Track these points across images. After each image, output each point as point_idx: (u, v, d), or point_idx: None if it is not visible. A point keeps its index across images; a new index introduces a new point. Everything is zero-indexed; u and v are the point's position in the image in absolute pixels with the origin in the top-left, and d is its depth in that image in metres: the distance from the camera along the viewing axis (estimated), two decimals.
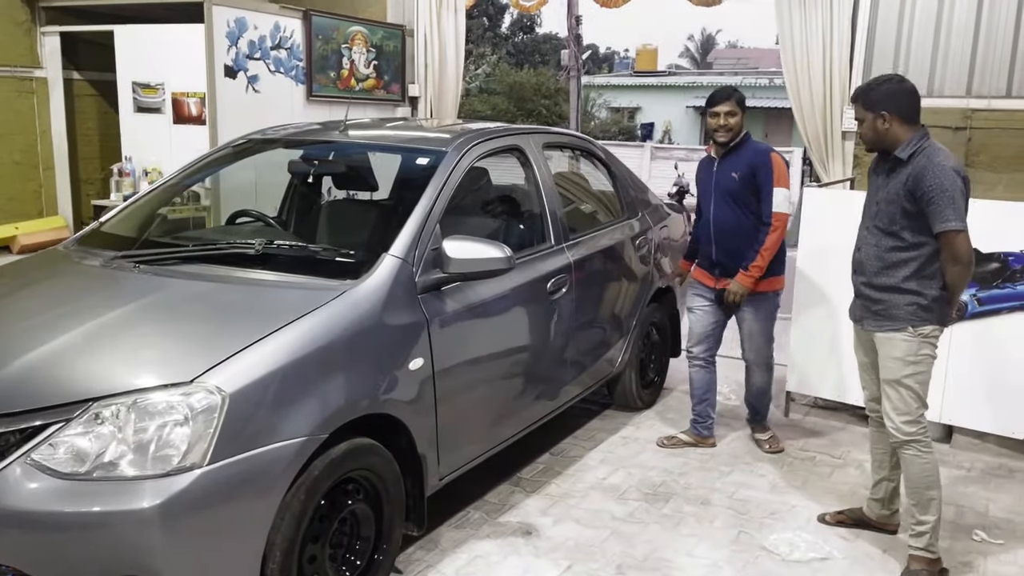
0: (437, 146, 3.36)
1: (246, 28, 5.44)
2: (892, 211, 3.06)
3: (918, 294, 3.05)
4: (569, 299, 3.74)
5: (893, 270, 3.08)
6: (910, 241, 3.05)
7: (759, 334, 4.11)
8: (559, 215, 3.81)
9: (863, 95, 3.11)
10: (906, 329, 3.08)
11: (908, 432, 3.12)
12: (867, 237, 3.18)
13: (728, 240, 3.96)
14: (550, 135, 4.17)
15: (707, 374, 4.22)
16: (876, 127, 3.07)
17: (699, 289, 4.17)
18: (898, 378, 3.10)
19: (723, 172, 3.94)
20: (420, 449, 2.86)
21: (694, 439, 4.28)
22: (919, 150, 3.03)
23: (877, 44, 5.45)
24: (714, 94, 3.94)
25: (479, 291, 3.12)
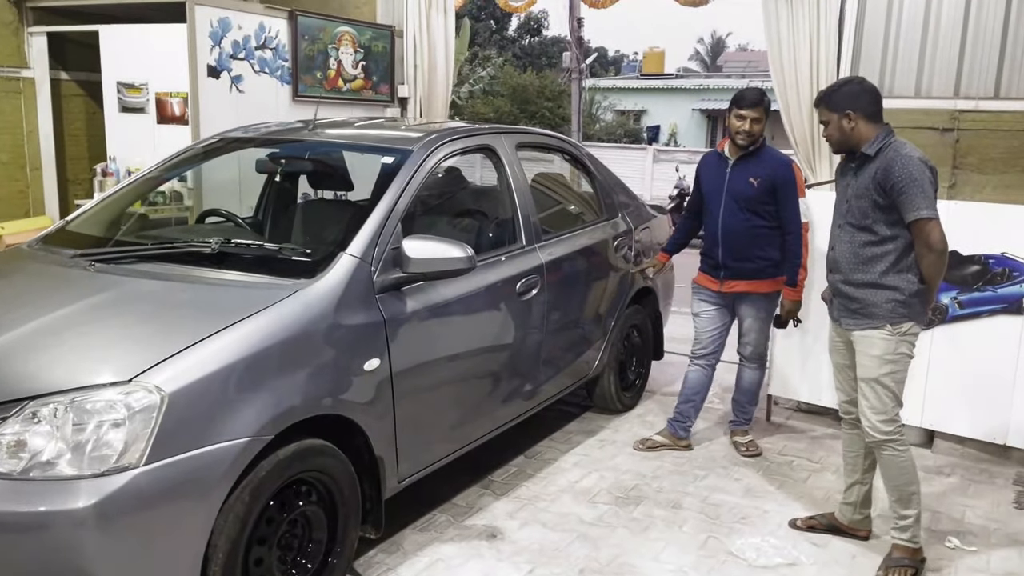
0: (403, 145, 3.33)
1: (230, 28, 5.43)
2: (863, 206, 3.05)
3: (895, 289, 3.03)
4: (541, 300, 3.71)
5: (869, 265, 3.07)
6: (883, 234, 3.04)
7: (758, 331, 4.11)
8: (531, 215, 3.77)
9: (826, 98, 3.14)
10: (884, 327, 3.07)
11: (885, 431, 3.10)
12: (840, 235, 3.17)
13: (737, 243, 3.92)
14: (524, 135, 4.13)
15: (704, 377, 4.20)
16: (842, 127, 3.08)
17: (703, 294, 4.13)
18: (875, 376, 3.09)
19: (739, 175, 3.89)
20: (377, 451, 2.83)
21: (670, 439, 4.24)
22: (885, 145, 3.04)
23: (864, 45, 5.39)
24: (743, 95, 3.88)
25: (442, 291, 3.09)
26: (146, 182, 3.67)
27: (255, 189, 4.16)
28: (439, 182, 3.49)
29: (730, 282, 3.99)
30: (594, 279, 4.26)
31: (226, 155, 3.87)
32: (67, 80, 6.40)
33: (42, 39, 6.05)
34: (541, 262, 3.73)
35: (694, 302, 4.17)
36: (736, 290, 4.00)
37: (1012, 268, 3.95)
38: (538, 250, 3.75)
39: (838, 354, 3.32)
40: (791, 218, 3.88)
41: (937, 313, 4.14)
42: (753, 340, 4.14)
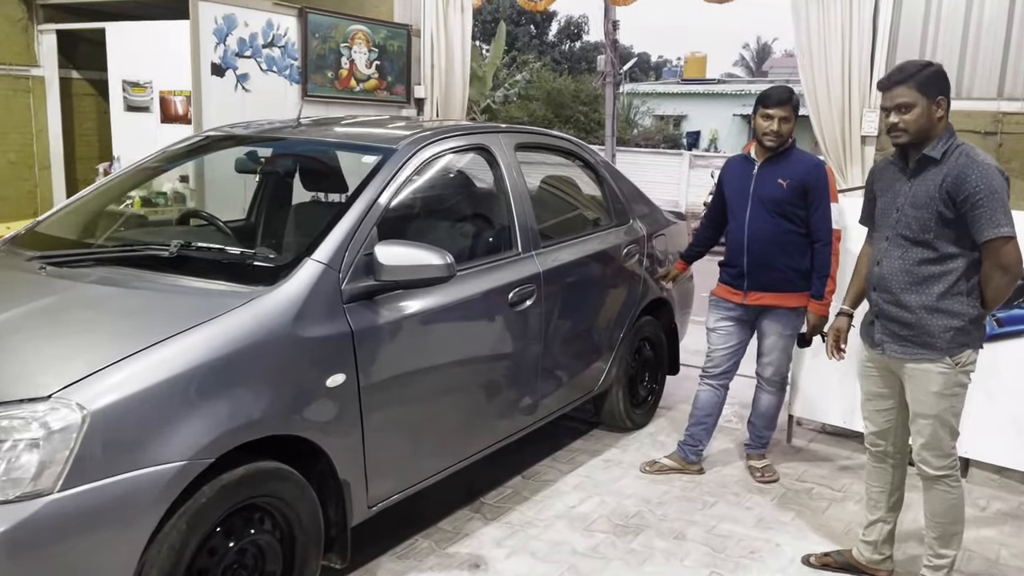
0: (386, 144, 3.12)
1: (235, 25, 5.28)
2: (923, 217, 2.68)
3: (955, 314, 2.68)
4: (537, 311, 3.46)
5: (925, 286, 2.71)
6: (945, 251, 2.68)
7: (781, 350, 3.78)
8: (529, 221, 3.53)
9: (915, 76, 2.64)
10: (943, 359, 2.72)
11: (939, 467, 2.80)
12: (889, 249, 2.79)
13: (763, 250, 3.62)
14: (524, 135, 3.88)
15: (716, 397, 3.90)
16: (931, 115, 2.64)
17: (722, 307, 3.81)
18: (935, 414, 2.76)
19: (766, 178, 3.60)
20: (342, 474, 2.60)
21: (680, 464, 3.95)
22: (952, 148, 2.67)
23: (900, 42, 5.05)
24: (769, 93, 3.58)
25: (421, 301, 2.86)
26: (120, 183, 3.50)
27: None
28: (431, 183, 3.26)
29: (754, 293, 3.67)
30: (600, 288, 4.00)
31: (214, 153, 3.70)
32: (78, 79, 6.33)
33: (52, 37, 5.98)
34: (538, 270, 3.48)
35: (710, 316, 3.86)
36: (761, 303, 3.68)
37: None
38: (536, 257, 3.51)
39: (871, 382, 2.98)
40: (822, 224, 3.57)
41: None
42: (775, 360, 3.81)
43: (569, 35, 39.44)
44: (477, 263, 3.23)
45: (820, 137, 5.46)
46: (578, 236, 3.96)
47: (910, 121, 2.67)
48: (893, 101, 2.69)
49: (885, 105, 2.72)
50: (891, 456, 3.01)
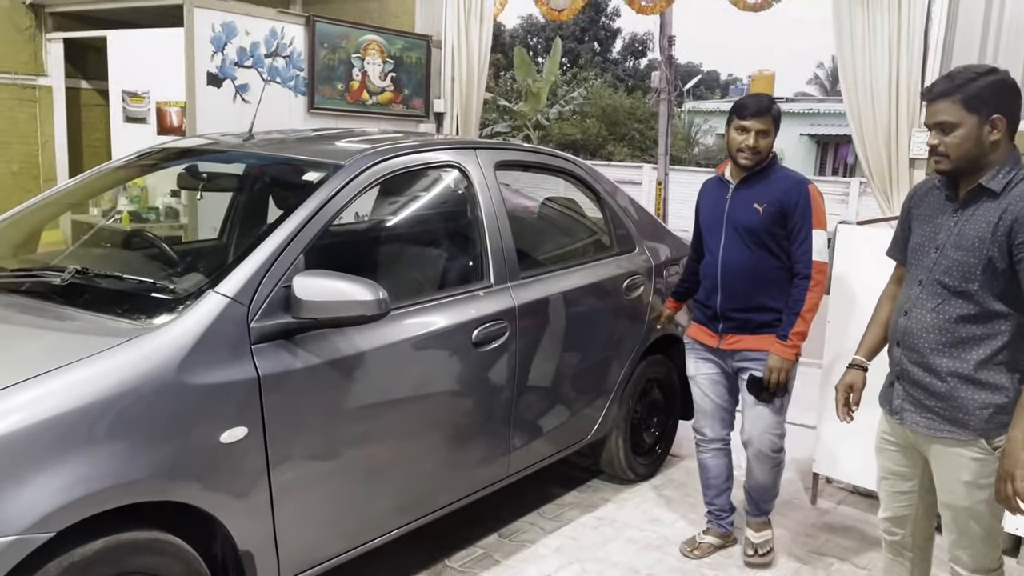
0: (333, 159, 2.76)
1: (235, 33, 5.04)
2: (968, 263, 2.16)
3: (997, 389, 2.16)
4: (510, 351, 3.05)
5: (962, 349, 2.19)
6: (990, 308, 2.15)
7: (767, 408, 3.11)
8: (506, 248, 3.13)
9: (961, 88, 2.11)
10: (977, 443, 2.19)
11: (974, 568, 2.30)
12: (921, 297, 2.26)
13: (739, 287, 3.08)
14: (506, 152, 3.48)
15: (723, 458, 3.34)
16: (980, 137, 2.12)
17: (699, 352, 3.29)
18: (967, 506, 2.23)
19: (741, 201, 3.08)
20: (243, 545, 2.23)
21: (722, 539, 3.38)
22: (1016, 180, 2.14)
23: (956, 52, 4.49)
24: (745, 102, 3.06)
25: (354, 341, 2.48)
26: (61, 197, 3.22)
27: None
28: (384, 205, 2.90)
29: (730, 336, 3.13)
30: (593, 324, 3.57)
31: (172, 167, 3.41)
32: (88, 89, 6.18)
33: (59, 46, 5.84)
34: (512, 305, 3.07)
35: (689, 360, 3.34)
36: (738, 347, 3.13)
37: None
38: (511, 290, 3.10)
39: (888, 457, 2.46)
40: (800, 254, 3.00)
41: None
42: (760, 423, 3.12)
43: (633, 52, 39.05)
44: (433, 297, 2.85)
45: (864, 158, 4.94)
46: (569, 266, 3.54)
47: (952, 144, 2.15)
48: (934, 118, 2.17)
49: (927, 122, 2.21)
50: (909, 549, 2.49)
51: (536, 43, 35.54)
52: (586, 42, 37.21)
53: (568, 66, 32.99)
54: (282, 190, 2.99)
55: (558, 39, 22.16)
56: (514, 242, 3.19)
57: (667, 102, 15.72)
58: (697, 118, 28.93)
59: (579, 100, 22.33)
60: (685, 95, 33.38)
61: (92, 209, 5.11)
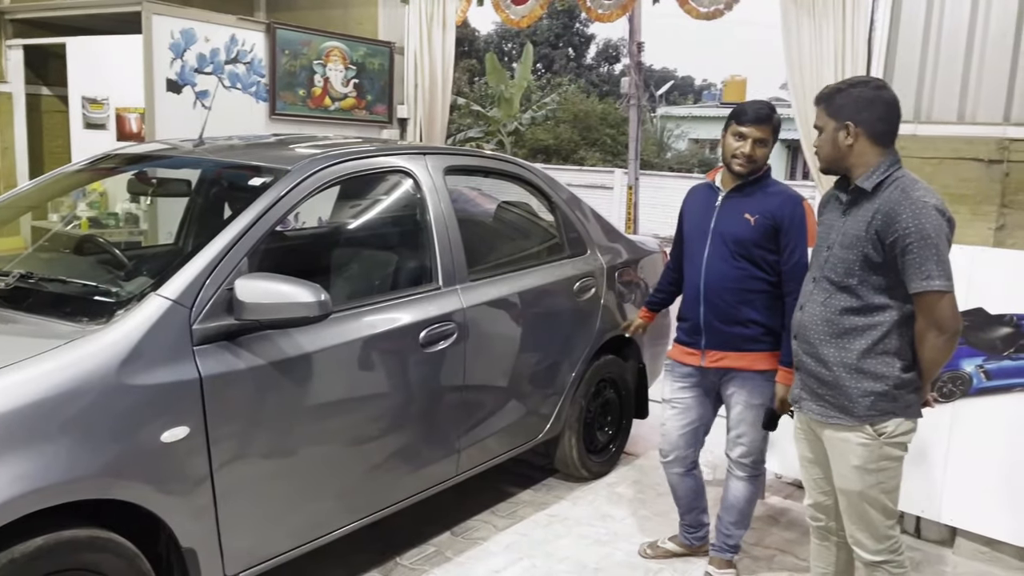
0: (280, 164, 2.81)
1: (195, 40, 5.07)
2: (849, 259, 2.33)
3: (878, 377, 2.32)
4: (458, 351, 3.12)
5: (846, 340, 2.35)
6: (871, 302, 2.33)
7: (750, 424, 3.03)
8: (455, 251, 3.20)
9: (828, 98, 2.38)
10: (863, 428, 2.35)
11: (874, 550, 2.42)
12: (814, 293, 2.45)
13: (723, 300, 2.96)
14: (456, 157, 3.55)
15: (689, 480, 3.26)
16: (836, 141, 2.35)
17: (680, 374, 3.15)
18: (858, 490, 2.38)
19: (731, 210, 2.97)
20: (185, 542, 2.28)
21: (685, 549, 3.37)
22: (888, 180, 2.31)
23: (898, 62, 4.64)
24: (745, 108, 2.94)
25: (299, 342, 2.54)
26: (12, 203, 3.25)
27: None
28: (332, 209, 2.95)
29: (714, 353, 3.02)
30: (543, 325, 3.64)
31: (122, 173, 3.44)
32: (48, 95, 6.17)
33: (19, 52, 5.83)
34: (461, 307, 3.14)
35: (667, 385, 3.22)
36: (722, 364, 3.02)
37: None
38: (460, 292, 3.17)
39: (801, 446, 2.62)
40: (794, 273, 2.86)
41: (959, 384, 3.37)
42: (745, 437, 3.05)
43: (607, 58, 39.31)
44: (381, 299, 2.91)
45: (813, 167, 5.06)
46: (520, 268, 3.61)
47: (819, 146, 2.41)
48: (814, 121, 2.42)
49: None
50: (834, 533, 2.61)
51: (511, 49, 35.68)
52: (560, 48, 37.40)
53: (543, 72, 33.13)
54: (230, 195, 3.04)
55: (529, 45, 22.24)
56: (465, 245, 3.26)
57: (637, 108, 15.87)
58: (670, 123, 29.17)
59: (552, 106, 22.43)
60: (658, 100, 33.66)
61: (52, 215, 5.11)
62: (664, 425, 3.25)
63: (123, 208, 5.12)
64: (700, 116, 31.59)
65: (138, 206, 5.04)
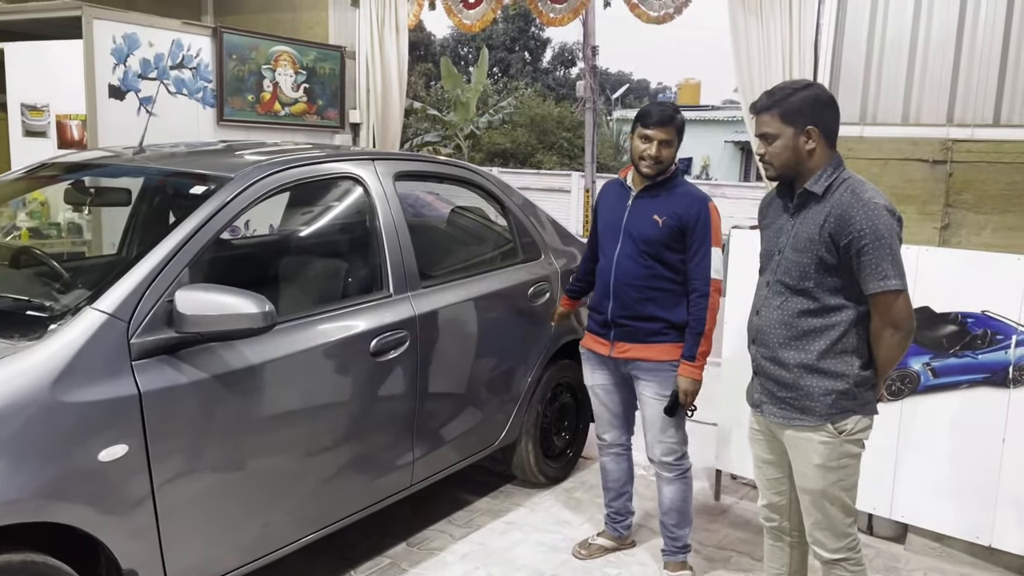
0: (222, 171, 2.75)
1: (138, 45, 4.96)
2: (803, 263, 2.34)
3: (838, 376, 2.34)
4: (411, 360, 3.08)
5: (804, 342, 2.36)
6: (827, 303, 2.34)
7: (666, 419, 3.08)
8: (406, 258, 3.15)
9: (780, 103, 2.31)
10: (824, 427, 2.36)
11: (834, 548, 2.43)
12: (768, 297, 2.45)
13: (631, 296, 3.05)
14: (406, 162, 3.51)
15: (623, 462, 3.37)
16: (798, 147, 2.30)
17: (593, 361, 3.27)
18: (820, 489, 2.39)
19: (641, 211, 3.05)
20: (126, 564, 2.21)
21: (615, 542, 3.44)
22: (836, 182, 2.32)
23: (844, 64, 4.71)
24: (648, 111, 3.00)
25: (244, 354, 2.48)
26: None
27: None
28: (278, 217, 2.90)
29: (621, 344, 3.11)
30: (497, 331, 3.62)
31: (60, 182, 3.34)
32: None
33: None
34: (413, 314, 3.10)
35: (585, 370, 3.32)
36: (628, 355, 3.10)
37: (995, 330, 3.21)
38: (411, 300, 3.13)
39: (758, 447, 2.63)
40: (698, 272, 2.99)
41: (907, 382, 3.41)
42: (664, 434, 3.09)
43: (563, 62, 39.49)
44: (330, 308, 2.86)
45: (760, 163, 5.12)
46: (473, 274, 3.58)
47: (774, 153, 2.35)
48: (759, 129, 2.37)
49: (755, 132, 2.41)
50: (787, 533, 2.62)
51: (467, 53, 35.66)
52: (516, 52, 37.48)
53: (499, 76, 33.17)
54: (172, 204, 2.97)
55: (485, 49, 22.26)
56: (417, 251, 3.22)
57: (592, 111, 15.94)
58: (626, 126, 29.31)
59: (509, 109, 22.46)
60: (614, 104, 33.91)
61: None
62: (595, 409, 3.35)
63: (66, 218, 4.98)
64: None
65: (81, 216, 4.90)
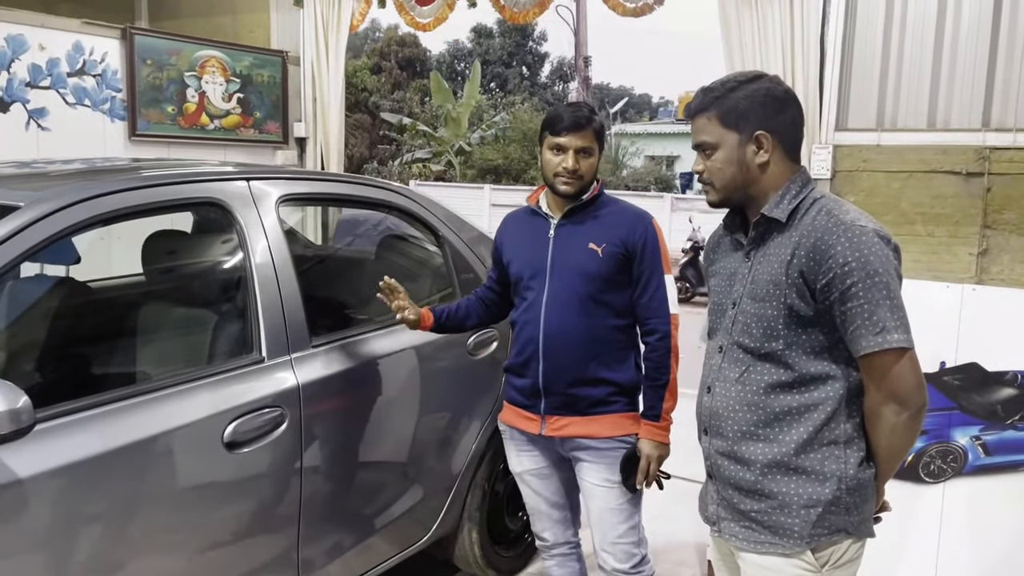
0: (6, 200, 1.99)
1: (25, 48, 4.24)
2: (767, 315, 1.62)
3: (824, 478, 1.60)
4: (290, 446, 2.30)
5: (777, 429, 1.63)
6: (806, 371, 1.61)
7: (616, 512, 2.36)
8: (288, 310, 2.38)
9: (720, 100, 1.65)
10: (802, 554, 1.61)
11: None
12: (724, 368, 1.72)
13: (568, 353, 2.31)
14: (296, 182, 2.71)
15: (572, 564, 2.59)
16: (743, 159, 1.64)
17: (518, 441, 2.48)
18: None
19: (570, 241, 2.34)
20: None
21: None
22: (804, 203, 1.62)
23: (856, 61, 3.96)
24: (558, 115, 2.31)
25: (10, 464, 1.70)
26: None
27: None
28: (94, 263, 2.13)
29: (556, 419, 2.36)
30: (427, 396, 2.84)
31: None
32: None
33: None
34: (294, 384, 2.33)
35: (510, 453, 2.54)
36: (566, 433, 2.36)
37: None
38: (293, 365, 2.36)
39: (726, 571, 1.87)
40: (654, 307, 2.30)
41: (950, 461, 2.63)
42: (613, 530, 2.37)
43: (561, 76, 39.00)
44: (150, 387, 2.07)
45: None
46: (388, 324, 2.80)
47: (714, 170, 1.67)
48: (695, 138, 1.69)
49: (692, 143, 1.70)
50: None
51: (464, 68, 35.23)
52: (514, 67, 37.05)
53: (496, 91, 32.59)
54: None
55: (477, 63, 21.65)
56: (309, 299, 2.46)
57: None
58: (624, 140, 28.72)
59: (502, 124, 21.77)
60: (613, 118, 33.27)
61: None
62: (527, 504, 2.56)
63: None
64: (655, 133, 31.40)
65: None
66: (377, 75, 25.13)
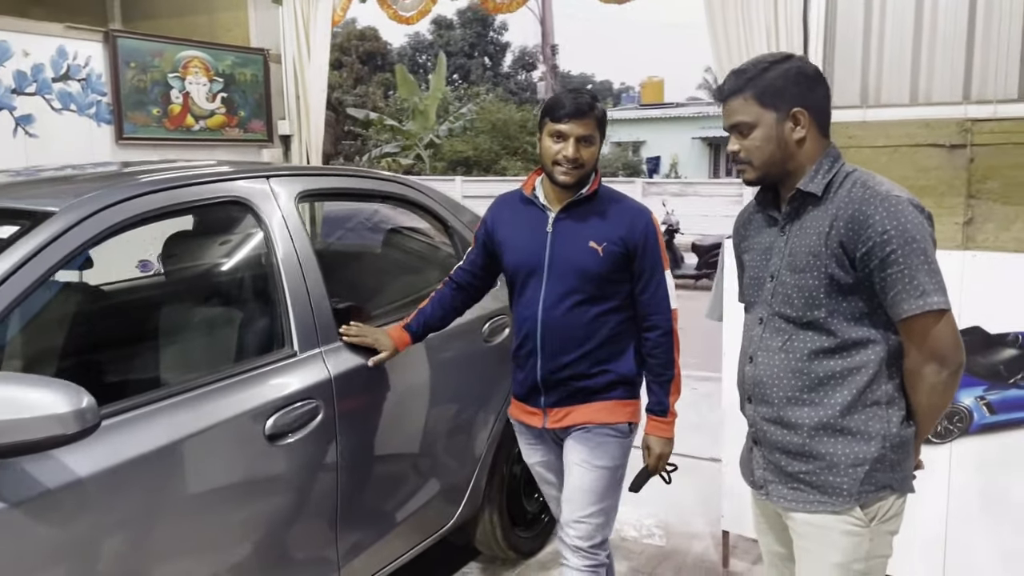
0: (41, 205, 2.00)
1: (9, 55, 4.19)
2: (808, 285, 1.70)
3: (870, 437, 1.68)
4: (326, 437, 2.34)
5: (822, 393, 1.71)
6: (848, 337, 1.69)
7: (589, 493, 2.32)
8: (315, 303, 2.42)
9: (755, 80, 1.71)
10: (852, 511, 1.69)
11: None
12: (765, 338, 1.79)
13: (566, 347, 2.29)
14: (313, 178, 2.75)
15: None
16: (782, 137, 1.71)
17: (527, 435, 2.49)
18: None
19: (569, 237, 2.30)
20: None
21: None
22: (839, 177, 1.71)
23: (839, 36, 4.05)
24: (560, 101, 2.26)
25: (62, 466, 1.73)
26: None
27: None
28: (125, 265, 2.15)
29: (557, 411, 2.36)
30: (448, 382, 2.90)
31: None
32: None
33: None
34: (327, 376, 2.37)
35: (522, 446, 2.55)
36: (567, 423, 2.35)
37: None
38: (324, 357, 2.39)
39: (769, 539, 1.97)
40: (656, 303, 2.30)
41: (956, 421, 2.74)
42: (586, 512, 2.31)
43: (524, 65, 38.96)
44: (195, 385, 2.10)
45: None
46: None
47: (752, 148, 1.74)
48: (729, 120, 1.75)
49: (724, 125, 1.77)
50: None
51: (426, 60, 35.03)
52: (476, 57, 36.93)
53: (459, 82, 32.50)
54: None
55: (442, 55, 21.56)
56: (334, 292, 2.50)
57: None
58: None
59: (469, 116, 21.74)
60: None
61: None
62: (544, 493, 2.59)
63: None
64: (620, 119, 31.58)
65: None
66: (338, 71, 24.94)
